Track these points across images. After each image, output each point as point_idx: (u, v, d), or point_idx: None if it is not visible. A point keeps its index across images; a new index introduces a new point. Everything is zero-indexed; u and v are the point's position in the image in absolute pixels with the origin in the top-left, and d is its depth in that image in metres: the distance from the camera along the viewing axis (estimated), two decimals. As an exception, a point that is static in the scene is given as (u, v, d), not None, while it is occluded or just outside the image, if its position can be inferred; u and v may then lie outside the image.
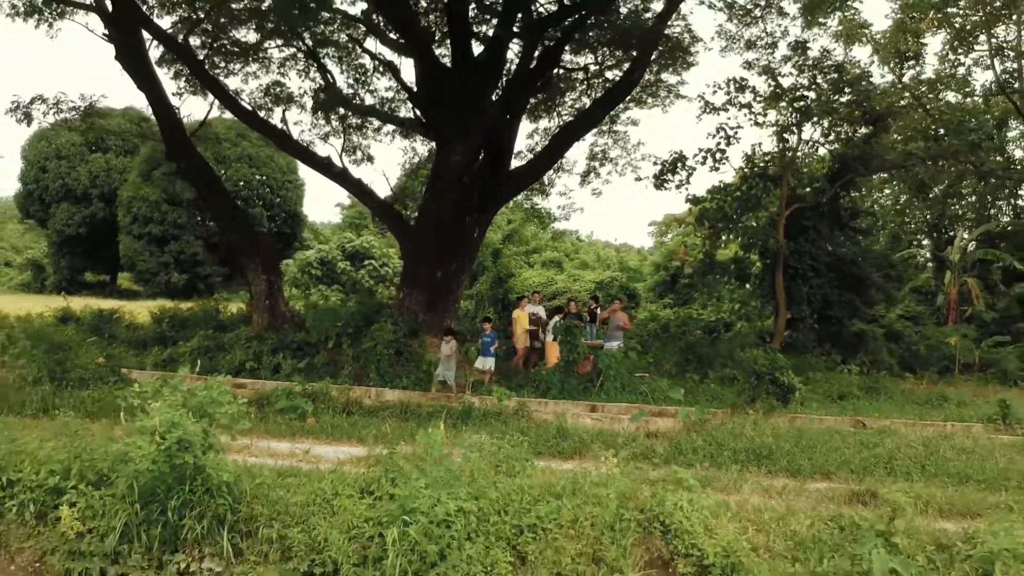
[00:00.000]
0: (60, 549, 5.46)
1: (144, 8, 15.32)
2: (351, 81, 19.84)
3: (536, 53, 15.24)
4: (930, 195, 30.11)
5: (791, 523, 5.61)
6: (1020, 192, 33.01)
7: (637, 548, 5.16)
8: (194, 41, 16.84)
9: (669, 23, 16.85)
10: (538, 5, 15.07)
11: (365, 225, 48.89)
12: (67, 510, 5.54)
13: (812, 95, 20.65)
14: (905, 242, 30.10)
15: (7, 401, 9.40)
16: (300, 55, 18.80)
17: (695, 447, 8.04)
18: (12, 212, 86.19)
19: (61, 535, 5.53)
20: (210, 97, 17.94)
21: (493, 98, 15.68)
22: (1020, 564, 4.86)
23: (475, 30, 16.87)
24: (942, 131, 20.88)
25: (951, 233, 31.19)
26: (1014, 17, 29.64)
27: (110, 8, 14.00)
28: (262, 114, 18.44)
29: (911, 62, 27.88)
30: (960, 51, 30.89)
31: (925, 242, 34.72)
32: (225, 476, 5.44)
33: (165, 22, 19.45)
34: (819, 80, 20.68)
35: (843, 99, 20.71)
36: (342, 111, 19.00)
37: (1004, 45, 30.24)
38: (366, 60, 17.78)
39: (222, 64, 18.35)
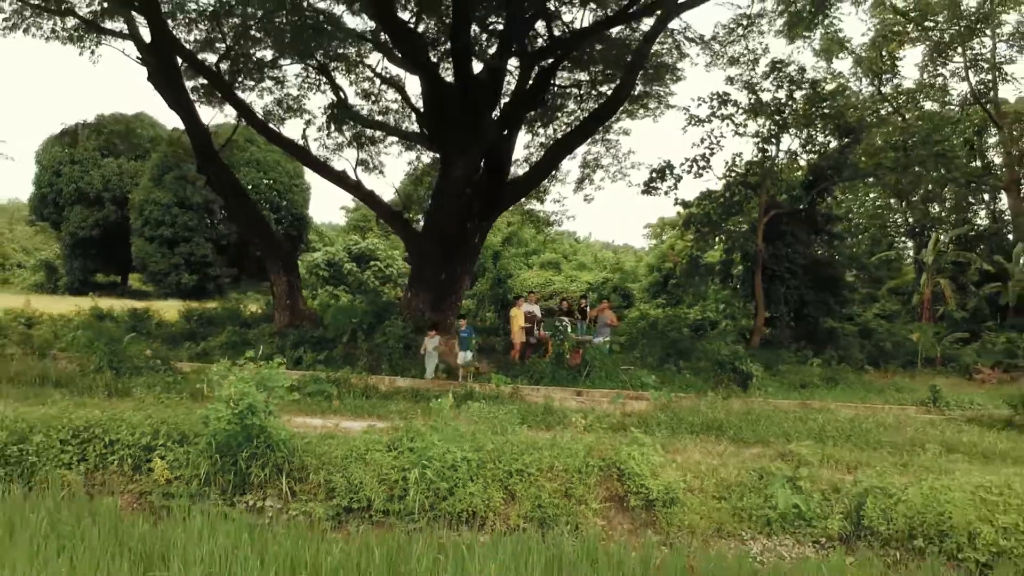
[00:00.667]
0: (155, 491, 7.06)
1: (172, 28, 16.94)
2: (360, 92, 21.52)
3: (532, 75, 16.85)
4: (911, 199, 31.70)
5: (721, 473, 7.22)
6: (999, 196, 34.63)
7: (599, 487, 6.77)
8: (212, 57, 18.46)
9: (657, 41, 18.37)
10: (534, 32, 16.61)
11: (370, 228, 50.53)
12: (159, 462, 7.16)
13: (789, 109, 22.30)
14: (885, 244, 31.64)
15: (78, 385, 11.02)
16: (312, 71, 20.42)
17: (659, 421, 9.65)
18: (21, 214, 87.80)
19: (154, 481, 7.14)
20: (228, 108, 19.52)
21: (493, 116, 17.30)
22: (884, 496, 6.46)
23: (477, 49, 18.46)
24: (910, 142, 22.45)
25: (931, 235, 32.77)
26: (988, 32, 31.28)
27: (147, 38, 15.61)
28: (274, 124, 20.11)
29: (888, 75, 29.50)
30: (938, 62, 32.54)
31: (910, 244, 36.27)
32: (283, 434, 7.06)
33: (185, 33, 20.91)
34: (795, 96, 22.31)
35: (818, 113, 22.32)
36: (353, 124, 20.59)
37: (978, 58, 31.90)
38: (375, 76, 19.34)
39: (239, 79, 19.96)
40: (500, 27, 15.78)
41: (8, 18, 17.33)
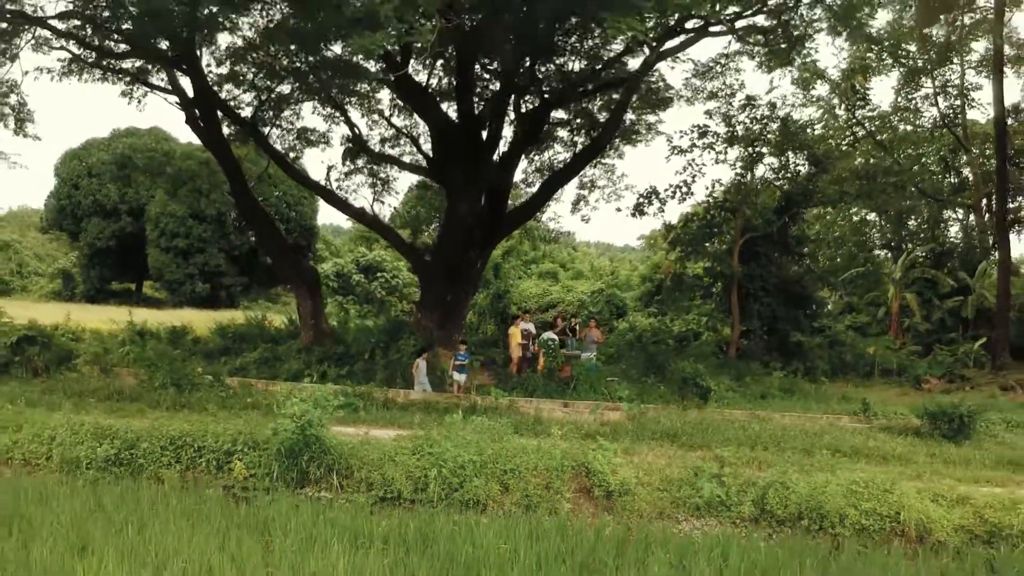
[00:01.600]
0: (236, 485, 9.33)
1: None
2: (370, 124, 23.85)
3: (527, 122, 19.16)
4: (887, 215, 33.96)
5: (667, 471, 9.48)
6: (971, 213, 36.87)
7: (571, 481, 9.04)
8: (236, 89, 20.69)
9: (646, 76, 20.51)
10: (526, 81, 18.87)
11: (376, 239, 52.91)
12: (239, 463, 9.43)
13: (762, 142, 24.59)
14: (861, 259, 33.86)
15: (147, 400, 13.28)
16: (328, 108, 22.70)
17: (627, 430, 11.91)
18: (31, 219, 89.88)
19: (234, 478, 9.40)
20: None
21: (494, 156, 19.61)
22: (782, 488, 8.72)
23: (479, 89, 20.69)
24: (872, 172, 24.73)
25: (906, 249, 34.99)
26: (956, 60, 33.51)
27: (190, 93, 17.91)
28: (295, 154, 22.42)
29: (861, 101, 31.70)
30: (910, 88, 34.77)
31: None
32: (333, 442, 9.32)
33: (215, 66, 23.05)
34: (767, 130, 24.57)
35: (788, 145, 24.60)
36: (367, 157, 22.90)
37: (947, 84, 34.14)
38: (387, 121, 21.66)
39: (266, 116, 22.25)
40: (500, 69, 18.14)
41: (63, 69, 19.61)
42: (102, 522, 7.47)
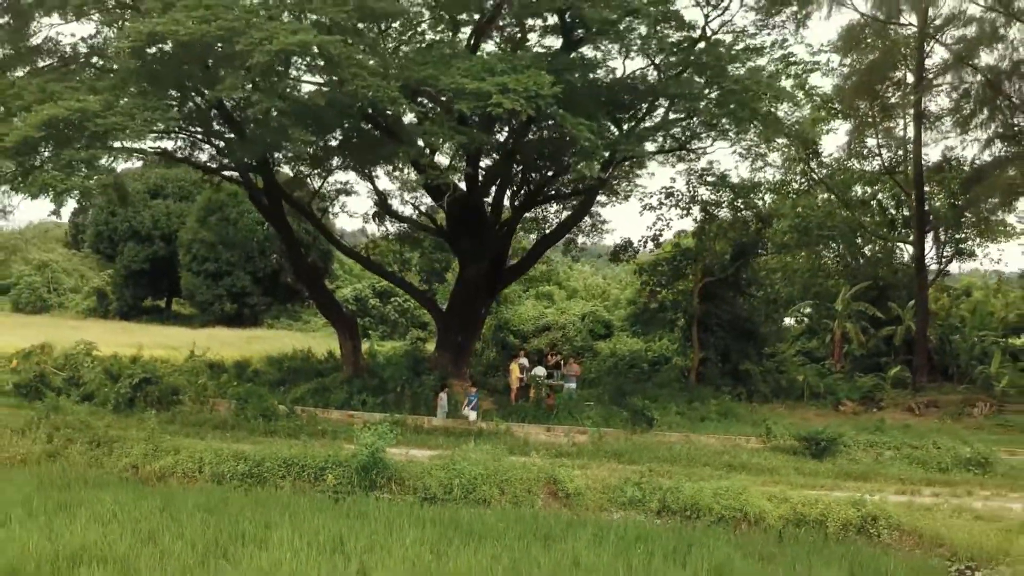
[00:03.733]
0: (327, 491, 14.47)
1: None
2: (400, 187, 29.07)
3: (520, 207, 24.45)
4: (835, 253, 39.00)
5: (608, 480, 14.63)
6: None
7: (544, 487, 14.20)
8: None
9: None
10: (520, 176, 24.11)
11: (386, 258, 58.19)
12: (330, 476, 14.58)
13: (715, 204, 29.75)
14: (811, 294, 38.87)
15: (244, 428, 18.47)
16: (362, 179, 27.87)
17: (588, 450, 17.08)
18: (54, 233, 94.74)
19: (328, 484, 14.55)
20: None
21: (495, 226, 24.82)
22: (676, 491, 13.86)
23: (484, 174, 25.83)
24: (809, 226, 29.89)
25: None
26: (901, 115, 38.51)
27: (259, 183, 23.11)
28: (332, 214, 27.63)
29: (812, 153, 36.70)
30: (861, 138, 39.78)
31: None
32: (390, 461, 14.49)
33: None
34: (721, 192, 29.71)
35: (739, 208, 29.77)
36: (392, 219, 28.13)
37: (891, 137, 39.15)
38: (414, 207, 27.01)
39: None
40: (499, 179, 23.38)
41: (152, 162, 24.84)
42: (262, 511, 12.61)
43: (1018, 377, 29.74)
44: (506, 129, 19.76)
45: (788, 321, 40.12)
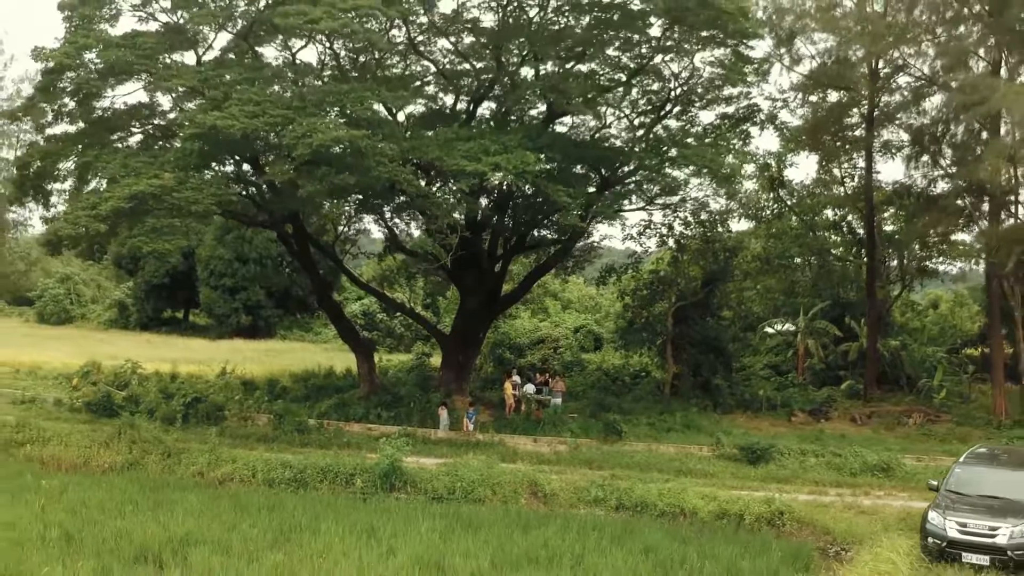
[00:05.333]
0: (357, 492, 18.33)
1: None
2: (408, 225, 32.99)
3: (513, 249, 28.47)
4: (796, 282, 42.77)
5: (578, 483, 18.51)
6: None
7: (527, 489, 18.10)
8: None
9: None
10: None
11: (397, 280, 62.06)
12: (359, 480, 18.47)
13: (689, 238, 33.63)
14: (781, 312, 42.71)
15: (282, 440, 22.38)
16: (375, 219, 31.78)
17: (566, 458, 20.96)
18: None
19: (357, 488, 18.42)
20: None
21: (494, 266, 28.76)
22: (629, 491, 17.74)
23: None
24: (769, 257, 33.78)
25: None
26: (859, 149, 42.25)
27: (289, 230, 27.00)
28: (351, 253, 31.62)
29: (779, 184, 40.50)
30: (825, 169, 43.52)
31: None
32: (406, 468, 18.39)
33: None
34: (692, 226, 33.57)
35: (709, 241, 33.64)
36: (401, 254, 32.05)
37: (855, 166, 42.81)
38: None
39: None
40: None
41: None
42: (311, 508, 16.46)
43: (953, 387, 33.52)
44: (497, 192, 23.61)
45: (770, 330, 43.71)
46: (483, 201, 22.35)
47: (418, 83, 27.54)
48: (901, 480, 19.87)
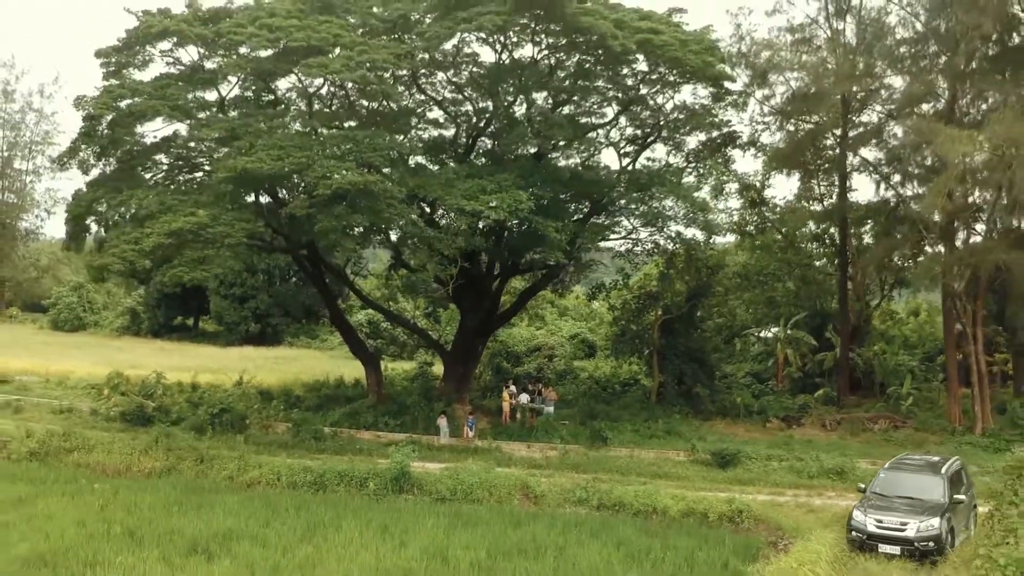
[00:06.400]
0: (371, 494, 20.85)
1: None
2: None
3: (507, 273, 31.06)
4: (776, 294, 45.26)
5: (565, 485, 21.03)
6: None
7: (519, 490, 20.62)
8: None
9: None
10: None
11: (401, 293, 64.64)
12: (372, 483, 20.98)
13: (673, 255, 36.16)
14: (764, 322, 45.22)
15: (301, 447, 24.90)
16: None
17: (555, 463, 23.49)
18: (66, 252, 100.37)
19: (371, 489, 20.94)
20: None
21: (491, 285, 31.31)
22: (610, 492, 20.25)
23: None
24: (749, 274, 36.32)
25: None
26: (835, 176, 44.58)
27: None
28: (363, 274, 34.21)
29: (759, 202, 42.91)
30: (806, 186, 45.98)
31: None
32: (413, 472, 20.91)
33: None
34: (678, 247, 36.08)
35: (692, 261, 36.16)
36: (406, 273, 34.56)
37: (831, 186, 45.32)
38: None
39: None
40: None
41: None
42: (332, 508, 18.96)
43: (925, 394, 36.02)
44: (493, 224, 26.12)
45: (753, 338, 46.18)
46: (480, 235, 24.63)
47: (421, 112, 30.21)
48: (852, 482, 22.22)
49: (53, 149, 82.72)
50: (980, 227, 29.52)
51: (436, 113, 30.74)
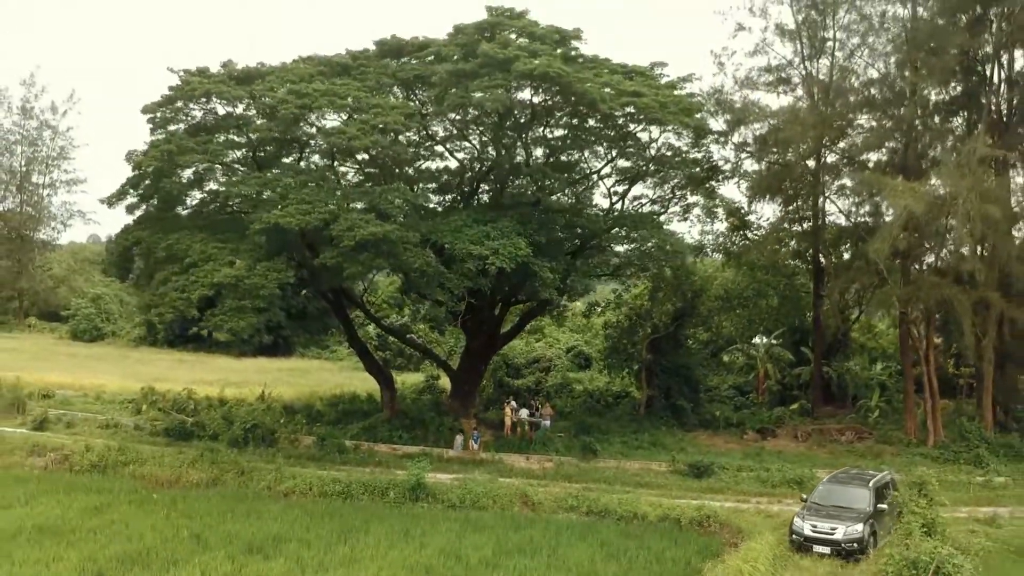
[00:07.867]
0: (392, 500, 24.15)
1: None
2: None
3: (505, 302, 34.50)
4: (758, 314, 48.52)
5: (559, 494, 24.36)
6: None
7: (518, 498, 23.94)
8: None
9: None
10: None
11: (405, 304, 67.97)
12: (392, 493, 24.30)
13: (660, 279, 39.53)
14: (747, 336, 48.57)
15: (326, 460, 28.23)
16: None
17: (550, 473, 26.83)
18: (82, 254, 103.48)
19: (391, 498, 24.25)
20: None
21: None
22: (597, 500, 23.56)
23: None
24: (730, 297, 39.69)
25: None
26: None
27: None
28: (371, 298, 37.55)
29: (741, 227, 46.11)
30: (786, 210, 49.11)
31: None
32: (429, 483, 24.24)
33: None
34: (663, 271, 39.43)
35: (678, 283, 39.51)
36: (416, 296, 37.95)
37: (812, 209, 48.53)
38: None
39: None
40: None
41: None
42: (360, 514, 22.26)
43: (888, 407, 39.31)
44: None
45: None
46: (483, 276, 27.79)
47: (428, 148, 33.59)
48: (809, 491, 25.63)
49: (69, 164, 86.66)
50: (929, 262, 32.73)
51: (440, 149, 34.22)
